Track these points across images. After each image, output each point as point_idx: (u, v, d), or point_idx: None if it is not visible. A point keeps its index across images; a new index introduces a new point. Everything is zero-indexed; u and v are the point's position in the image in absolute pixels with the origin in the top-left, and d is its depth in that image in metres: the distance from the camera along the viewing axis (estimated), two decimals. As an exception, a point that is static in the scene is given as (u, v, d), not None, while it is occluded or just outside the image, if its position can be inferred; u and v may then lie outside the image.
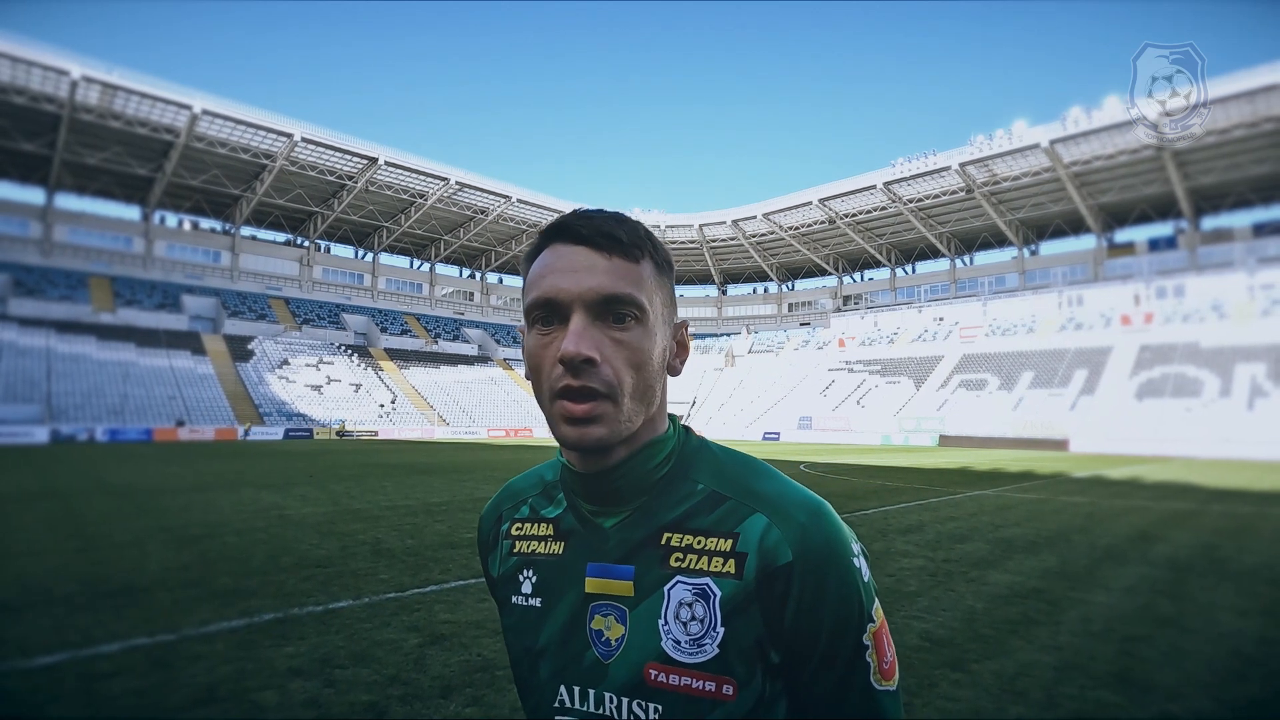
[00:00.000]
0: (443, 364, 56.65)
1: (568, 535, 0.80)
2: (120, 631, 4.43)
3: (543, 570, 0.80)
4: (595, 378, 0.69)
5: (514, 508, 0.88)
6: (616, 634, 0.73)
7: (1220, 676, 3.85)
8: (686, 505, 0.74)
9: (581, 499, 0.79)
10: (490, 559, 0.89)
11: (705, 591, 0.70)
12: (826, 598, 0.68)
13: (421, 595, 5.37)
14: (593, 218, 0.73)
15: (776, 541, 0.69)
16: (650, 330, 0.72)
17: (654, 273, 0.74)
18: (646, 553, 0.74)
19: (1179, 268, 46.79)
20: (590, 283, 0.70)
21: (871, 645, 0.70)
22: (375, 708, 3.31)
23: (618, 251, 0.71)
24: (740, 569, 0.69)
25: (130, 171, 44.58)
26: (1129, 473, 19.20)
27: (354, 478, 15.05)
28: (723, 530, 0.72)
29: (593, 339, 0.69)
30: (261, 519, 9.11)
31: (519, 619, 0.81)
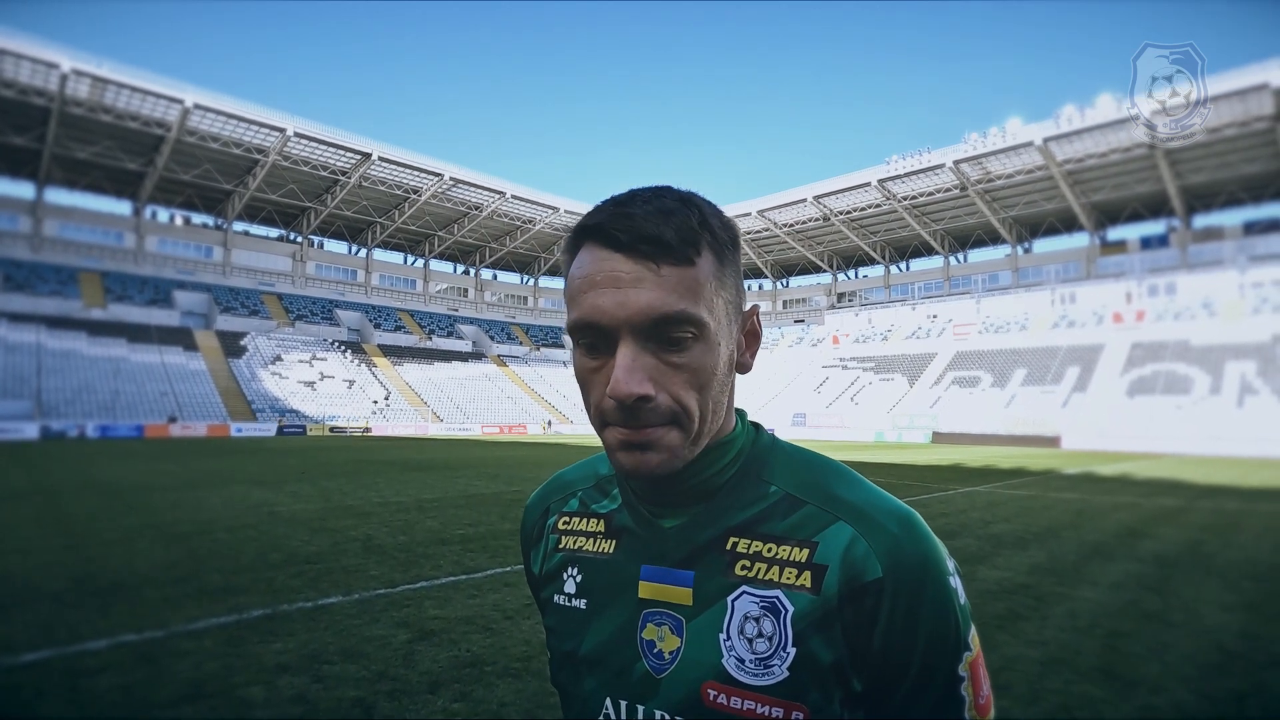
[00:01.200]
0: (437, 360, 56.50)
1: (621, 533, 0.73)
2: (108, 628, 4.42)
3: (590, 569, 0.73)
4: (653, 414, 0.61)
5: (562, 500, 0.81)
6: (671, 646, 0.65)
7: (1203, 670, 3.89)
8: (758, 508, 0.67)
9: (641, 497, 0.72)
10: (533, 554, 0.82)
11: (776, 606, 0.62)
12: (921, 619, 0.60)
13: (412, 591, 5.38)
14: (633, 216, 0.61)
15: (864, 555, 0.61)
16: (713, 342, 0.63)
17: (715, 267, 0.63)
18: (710, 558, 0.66)
19: (1170, 266, 47.05)
20: (638, 304, 0.60)
21: (968, 677, 0.62)
22: (363, 704, 3.32)
23: (667, 258, 0.60)
24: (818, 583, 0.62)
25: (121, 166, 44.24)
26: (1119, 469, 19.33)
27: (346, 474, 15.02)
28: (799, 538, 0.64)
29: (645, 369, 0.61)
30: (252, 516, 9.08)
31: (560, 620, 0.74)
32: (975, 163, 46.45)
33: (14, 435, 30.40)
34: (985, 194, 49.74)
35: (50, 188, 45.39)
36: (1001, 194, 49.83)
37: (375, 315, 58.34)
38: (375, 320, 57.44)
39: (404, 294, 63.92)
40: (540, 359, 64.92)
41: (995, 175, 47.40)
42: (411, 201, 53.72)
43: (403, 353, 55.60)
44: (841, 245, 62.18)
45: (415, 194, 53.01)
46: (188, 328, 46.62)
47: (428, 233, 60.30)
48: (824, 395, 49.23)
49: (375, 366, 51.64)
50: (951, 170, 47.22)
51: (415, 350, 56.90)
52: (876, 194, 51.95)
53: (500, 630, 4.43)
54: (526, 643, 4.19)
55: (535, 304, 72.68)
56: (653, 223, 0.61)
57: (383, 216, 56.56)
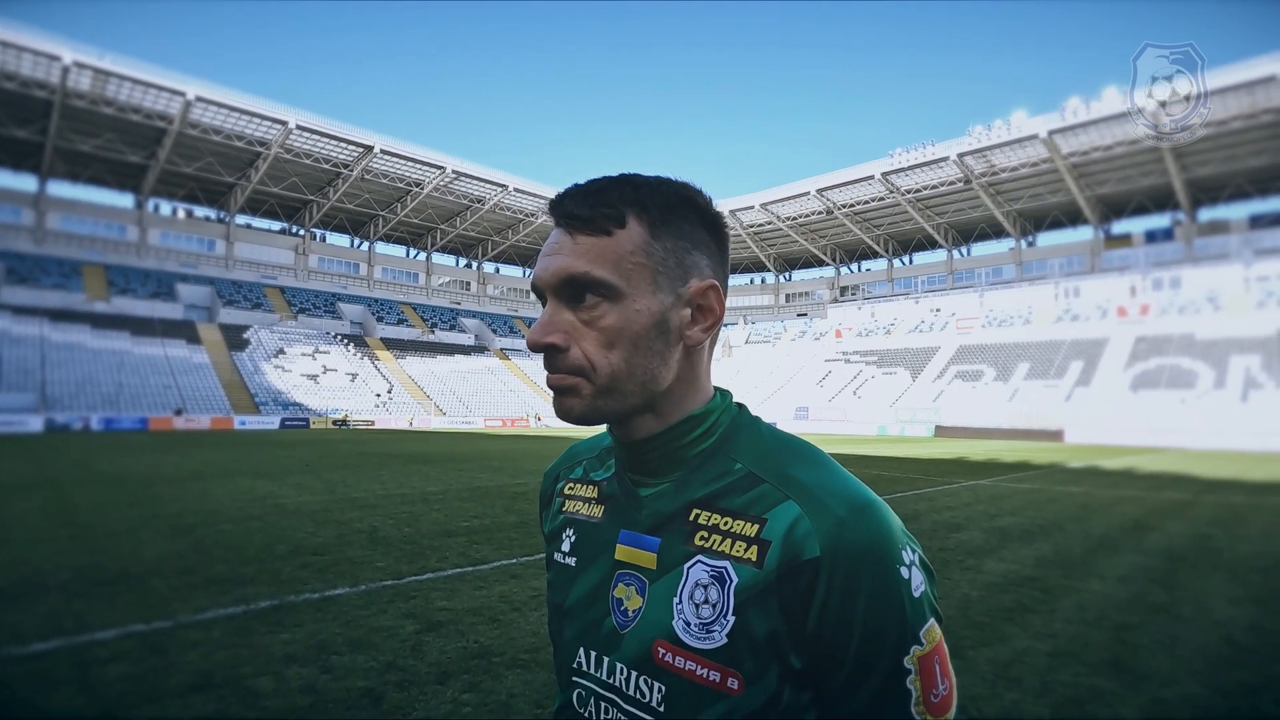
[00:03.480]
0: (439, 354, 56.53)
1: (608, 500, 0.80)
2: (116, 618, 4.42)
3: (581, 531, 0.81)
4: (562, 363, 0.69)
5: (570, 468, 0.89)
6: (635, 605, 0.71)
7: (1213, 663, 3.88)
8: (721, 483, 0.71)
9: (625, 467, 0.78)
10: (544, 515, 0.91)
11: (722, 575, 0.66)
12: (857, 603, 0.61)
13: (418, 583, 5.38)
14: (565, 197, 0.71)
15: (805, 534, 0.63)
16: (625, 305, 0.68)
17: (643, 238, 0.69)
18: (674, 527, 0.72)
19: (1175, 259, 46.85)
20: (553, 268, 0.70)
21: (915, 670, 0.62)
22: (372, 694, 3.31)
23: (582, 229, 0.69)
24: (762, 557, 0.65)
25: (123, 159, 44.21)
26: (1124, 463, 19.29)
27: (350, 467, 15.04)
28: (752, 514, 0.67)
29: (558, 324, 0.70)
30: (257, 507, 9.09)
31: (556, 575, 0.83)
32: (979, 156, 46.23)
33: (19, 428, 30.50)
34: (989, 187, 49.51)
35: (53, 181, 45.41)
36: (1005, 187, 49.61)
37: (378, 308, 58.35)
38: (378, 313, 57.46)
39: (406, 287, 63.92)
40: (543, 352, 64.85)
41: (999, 168, 47.17)
42: (414, 194, 53.65)
43: (405, 346, 55.64)
44: (844, 239, 62.00)
45: (418, 187, 52.92)
46: (191, 321, 46.67)
47: (430, 226, 60.23)
48: (827, 389, 49.19)
49: (378, 359, 51.68)
50: (955, 163, 47.01)
51: (418, 343, 56.93)
52: (880, 187, 51.76)
53: (508, 622, 4.43)
54: (534, 634, 4.19)
55: (537, 297, 72.58)
56: (575, 200, 0.71)
57: (385, 209, 56.51)
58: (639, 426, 0.73)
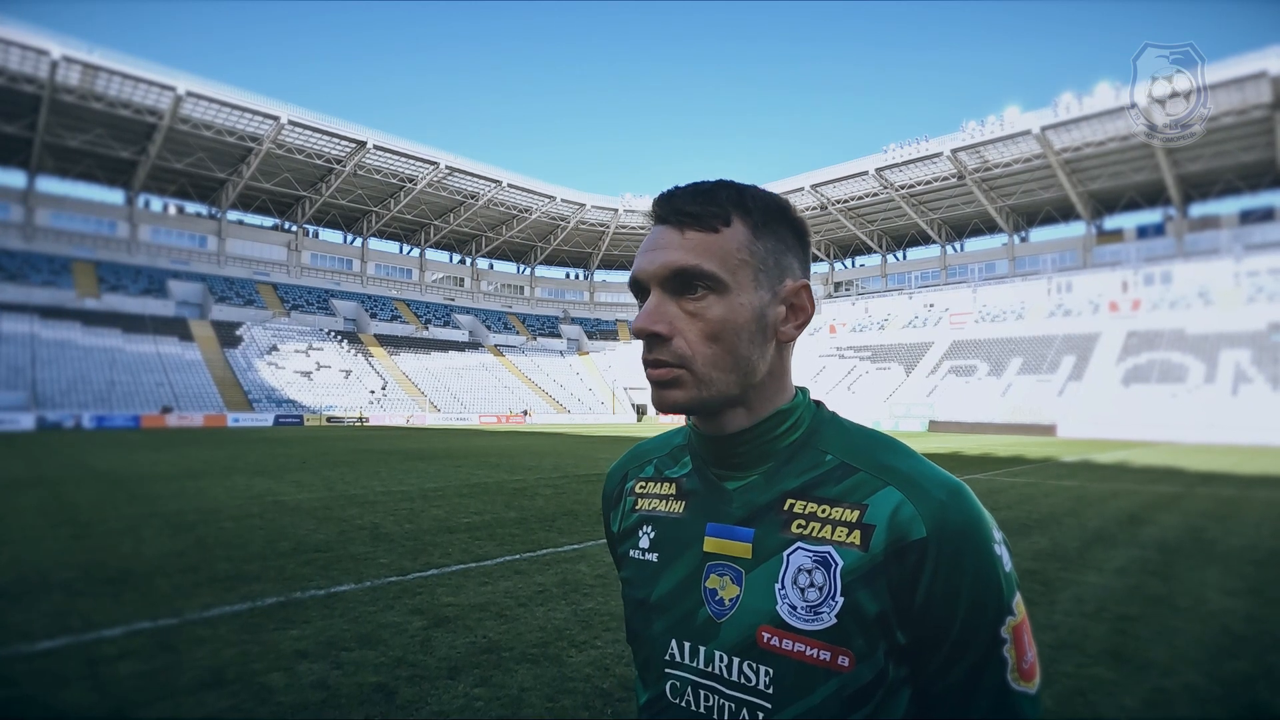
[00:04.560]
0: (433, 350, 56.42)
1: (689, 495, 0.81)
2: (121, 616, 4.42)
3: (662, 527, 0.82)
4: (665, 351, 0.71)
5: (639, 467, 0.90)
6: (731, 594, 0.73)
7: (1211, 653, 3.94)
8: (814, 474, 0.74)
9: (707, 462, 0.80)
10: (613, 515, 0.91)
11: (827, 560, 0.68)
12: (963, 580, 0.65)
13: (423, 579, 5.39)
14: (673, 195, 0.74)
15: (910, 517, 0.67)
16: (730, 299, 0.72)
17: (747, 238, 0.73)
18: (768, 517, 0.73)
19: (1167, 254, 47.20)
20: (662, 260, 0.72)
21: (1010, 640, 0.67)
22: (384, 689, 3.34)
23: (692, 225, 0.72)
24: (866, 541, 0.68)
25: (113, 154, 43.87)
26: (1117, 457, 19.46)
27: (347, 464, 15.01)
28: (850, 501, 0.70)
29: (663, 314, 0.72)
30: (256, 505, 9.08)
31: (635, 572, 0.83)
32: (973, 151, 46.40)
33: (10, 426, 30.29)
34: (982, 183, 49.71)
35: (42, 176, 45.02)
36: (999, 183, 49.82)
37: (371, 305, 58.16)
38: (371, 310, 57.26)
39: (400, 283, 63.72)
40: (537, 348, 64.87)
41: (993, 164, 47.36)
42: (407, 190, 53.44)
43: (399, 342, 55.50)
44: (839, 234, 62.15)
45: (411, 183, 52.72)
46: (183, 318, 46.41)
47: (424, 222, 60.03)
48: (821, 384, 49.33)
49: (372, 356, 51.53)
50: (949, 159, 47.16)
51: (412, 340, 56.80)
52: (874, 183, 51.89)
53: (515, 617, 4.45)
54: (542, 629, 4.21)
55: (532, 293, 72.51)
56: (685, 198, 0.74)
57: (378, 205, 56.28)
58: (731, 420, 0.76)
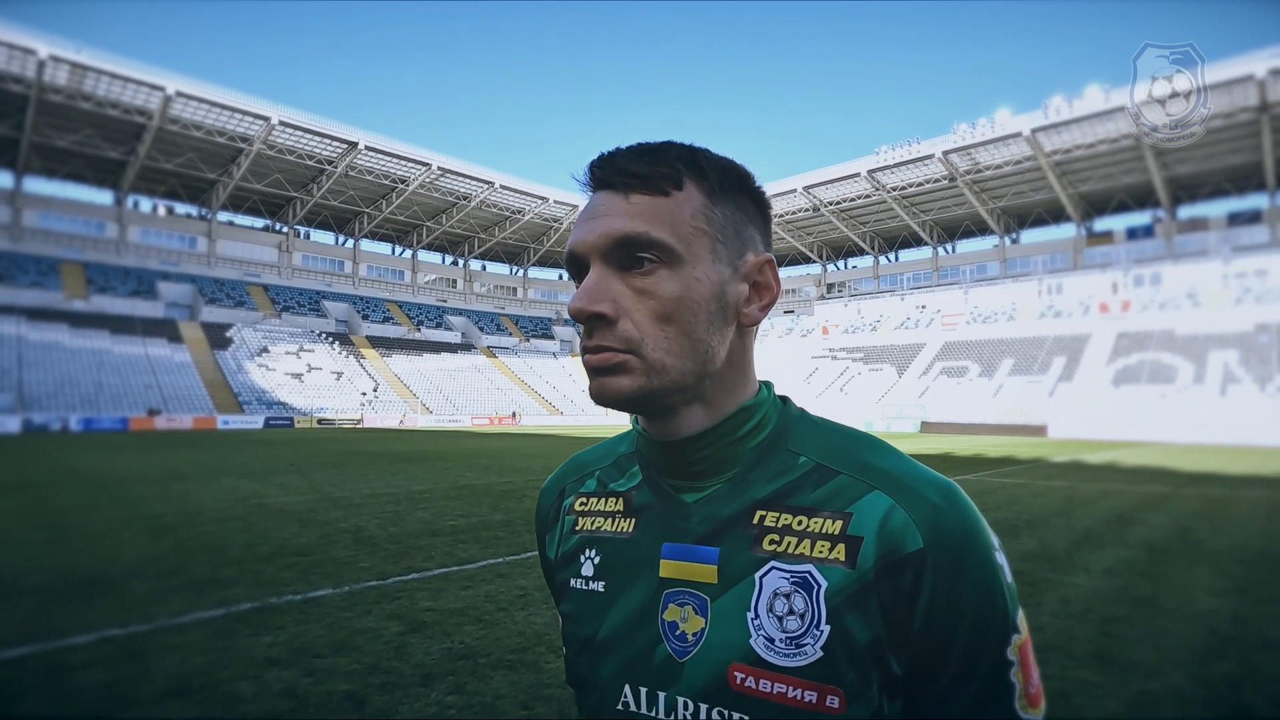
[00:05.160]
0: (426, 352, 56.19)
1: (640, 511, 0.69)
2: (92, 622, 4.33)
3: (608, 550, 0.69)
4: (610, 335, 0.60)
5: (579, 481, 0.77)
6: (695, 627, 0.61)
7: (1197, 654, 3.91)
8: (787, 479, 0.63)
9: (660, 471, 0.68)
10: (548, 538, 0.78)
11: (807, 581, 0.58)
12: (965, 596, 0.55)
13: (403, 583, 5.31)
14: (616, 156, 0.63)
15: (903, 525, 0.57)
16: (685, 273, 0.61)
17: (702, 203, 0.62)
18: (735, 533, 0.62)
19: (1156, 256, 47.47)
20: (603, 229, 0.61)
21: (1017, 662, 0.57)
22: (354, 697, 3.26)
23: (639, 188, 0.61)
24: (853, 556, 0.57)
25: (102, 154, 43.50)
26: (1106, 458, 19.51)
27: (335, 466, 14.89)
28: (831, 509, 0.60)
29: (606, 291, 0.61)
30: (240, 508, 8.97)
31: (578, 605, 0.70)
32: (964, 153, 46.56)
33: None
34: (974, 184, 49.89)
35: (29, 176, 44.57)
36: (990, 184, 50.02)
37: (363, 306, 57.88)
38: (363, 311, 56.98)
39: (392, 285, 63.45)
40: (530, 350, 64.71)
41: (984, 166, 47.54)
42: (399, 191, 53.23)
43: (391, 344, 55.24)
44: (831, 236, 62.26)
45: (403, 184, 52.52)
46: (172, 319, 46.04)
47: (416, 223, 59.81)
48: (814, 385, 49.39)
49: (363, 358, 51.28)
50: (940, 161, 47.30)
51: (404, 341, 56.56)
52: (866, 184, 51.99)
53: (494, 622, 4.38)
54: (520, 634, 4.14)
55: (525, 295, 72.34)
56: (629, 158, 0.63)
57: (370, 207, 56.03)
58: (687, 420, 0.64)
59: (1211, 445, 26.98)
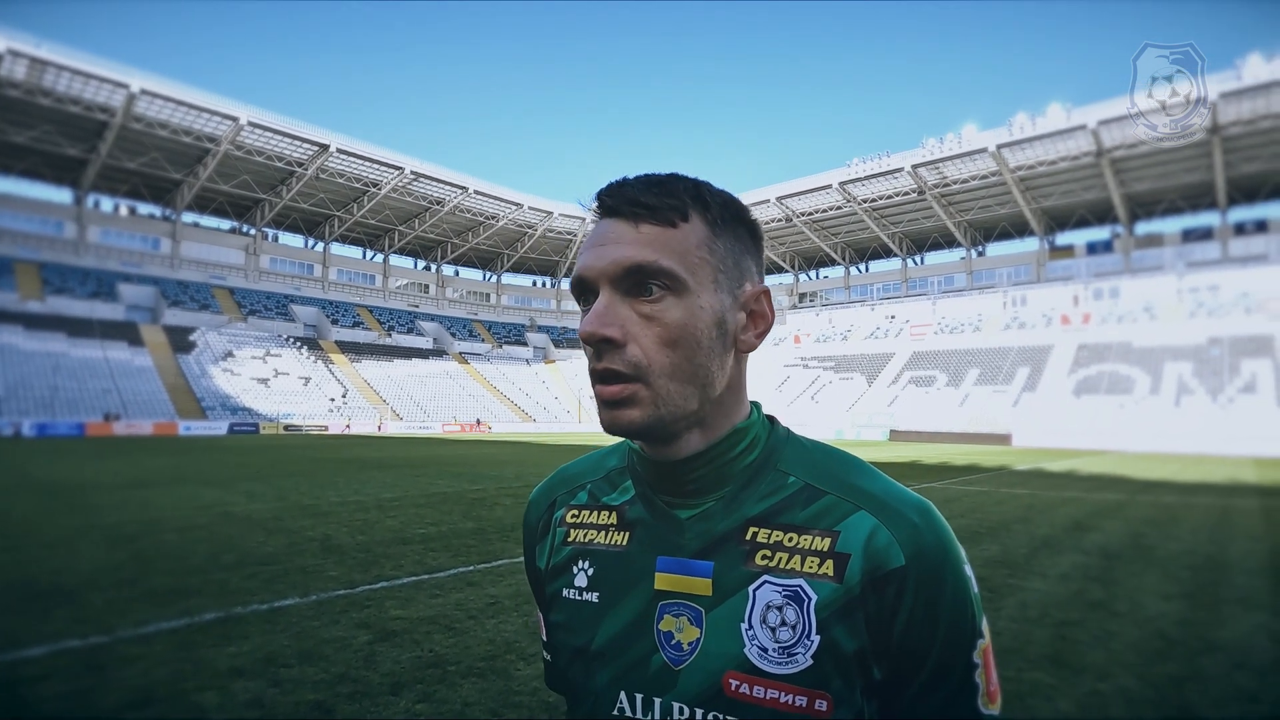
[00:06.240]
0: (396, 357, 55.50)
1: (634, 525, 0.72)
2: (48, 634, 4.22)
3: (602, 562, 0.73)
4: (618, 359, 0.64)
5: (570, 493, 0.80)
6: (690, 637, 0.65)
7: (1145, 657, 4.07)
8: (777, 498, 0.67)
9: (655, 489, 0.72)
10: (538, 549, 0.81)
11: (798, 594, 0.63)
12: (941, 607, 0.61)
13: (372, 592, 5.27)
14: (624, 185, 0.67)
15: (887, 543, 0.62)
16: (690, 301, 0.65)
17: (705, 235, 0.66)
18: (729, 548, 0.66)
19: (1114, 270, 49.03)
20: (613, 256, 0.64)
21: (981, 664, 0.63)
22: (322, 706, 3.24)
23: (647, 218, 0.65)
24: (840, 572, 0.62)
25: (61, 152, 42.27)
26: (1067, 466, 20.05)
27: (303, 473, 14.64)
28: (820, 527, 0.65)
29: (615, 316, 0.64)
30: (203, 516, 8.79)
31: (570, 615, 0.73)
32: (932, 167, 47.65)
33: (-58, 434, 28.83)
34: (942, 198, 51.05)
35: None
36: (957, 198, 51.22)
37: (333, 311, 56.98)
38: (333, 316, 56.10)
39: (363, 289, 62.59)
40: (503, 356, 64.30)
41: (951, 180, 48.71)
42: (371, 195, 52.63)
43: (361, 349, 54.46)
44: (803, 246, 63.07)
45: (375, 187, 51.95)
46: (133, 322, 44.82)
47: (388, 227, 59.15)
48: (785, 394, 49.90)
49: (332, 363, 50.45)
50: (910, 174, 48.33)
51: (374, 347, 55.79)
52: (838, 196, 52.84)
53: (464, 630, 4.38)
54: (491, 642, 4.15)
55: (498, 301, 71.92)
56: (638, 189, 0.66)
57: (341, 210, 55.28)
58: (685, 443, 0.68)
59: (1165, 454, 27.86)
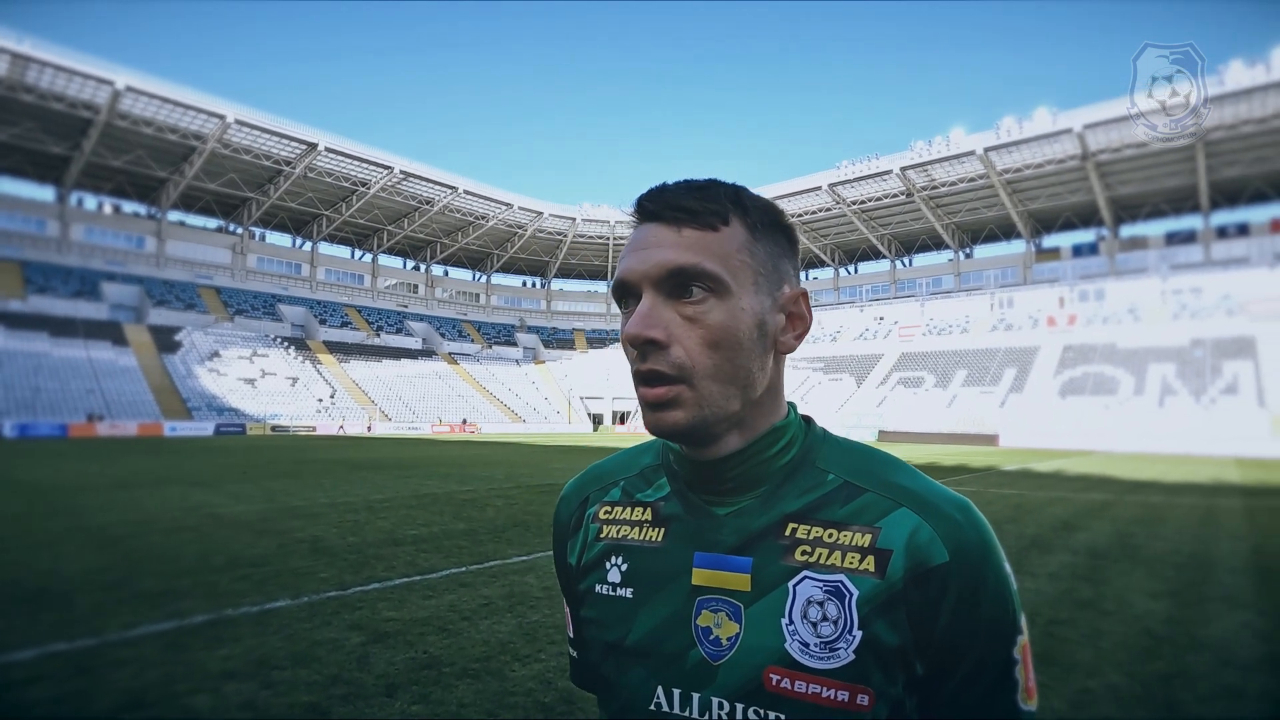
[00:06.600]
0: (385, 358, 55.19)
1: (669, 521, 0.73)
2: (36, 637, 4.17)
3: (637, 558, 0.73)
4: (663, 360, 0.65)
5: (602, 490, 0.81)
6: (729, 632, 0.66)
7: (1134, 655, 4.12)
8: (816, 495, 0.68)
9: (691, 486, 0.72)
10: (570, 545, 0.81)
11: (840, 590, 0.63)
12: (983, 604, 0.62)
13: (364, 593, 5.24)
14: (665, 191, 0.69)
15: (929, 540, 0.63)
16: (731, 303, 0.66)
17: (745, 239, 0.68)
18: (767, 543, 0.67)
19: (1100, 273, 49.58)
20: (656, 259, 0.66)
21: (1020, 660, 0.64)
22: (316, 708, 3.22)
23: (690, 222, 0.66)
24: (882, 568, 0.63)
25: (44, 149, 41.73)
26: (1054, 466, 20.24)
27: (291, 474, 14.53)
28: (860, 524, 0.65)
29: (659, 318, 0.65)
30: (191, 517, 8.70)
31: (604, 610, 0.74)
32: (921, 170, 48.00)
33: (-79, 434, 28.37)
34: (930, 200, 51.42)
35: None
36: (945, 200, 51.62)
37: (321, 310, 56.59)
38: (321, 316, 55.71)
39: (351, 289, 62.20)
40: (492, 357, 64.10)
41: (939, 182, 49.08)
42: (360, 194, 52.33)
43: (350, 349, 54.11)
44: (793, 247, 63.21)
45: (364, 187, 51.65)
46: (117, 321, 44.30)
47: (376, 226, 58.82)
48: (775, 394, 50.02)
49: (320, 363, 50.10)
50: (898, 176, 48.65)
51: (363, 347, 55.46)
52: (827, 198, 53.10)
53: (458, 631, 4.36)
54: (485, 643, 4.14)
55: (488, 301, 71.69)
56: (679, 194, 0.68)
57: (329, 209, 54.92)
58: (725, 443, 0.69)
59: (1150, 454, 28.19)
